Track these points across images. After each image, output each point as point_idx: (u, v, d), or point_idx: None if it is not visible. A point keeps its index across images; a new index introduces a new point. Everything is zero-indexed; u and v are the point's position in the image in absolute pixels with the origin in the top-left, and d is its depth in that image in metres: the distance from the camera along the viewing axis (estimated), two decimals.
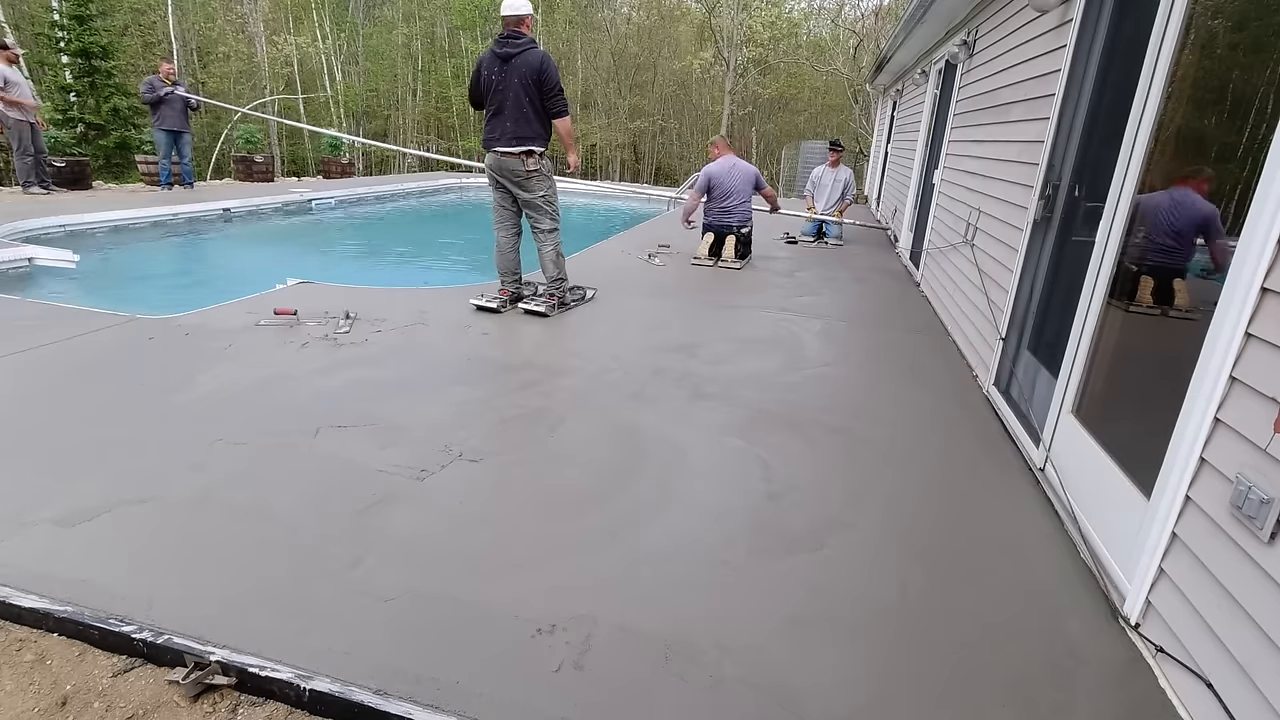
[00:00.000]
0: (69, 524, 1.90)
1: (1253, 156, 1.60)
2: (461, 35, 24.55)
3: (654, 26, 25.37)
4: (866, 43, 21.66)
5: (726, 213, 6.51)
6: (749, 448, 2.65)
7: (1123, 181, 2.19)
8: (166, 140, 9.21)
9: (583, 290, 4.78)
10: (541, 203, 4.19)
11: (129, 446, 2.37)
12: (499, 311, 4.29)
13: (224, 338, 3.53)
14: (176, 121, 9.13)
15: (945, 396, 3.38)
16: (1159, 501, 1.69)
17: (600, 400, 3.05)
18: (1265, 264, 1.42)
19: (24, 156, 8.14)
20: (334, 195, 10.40)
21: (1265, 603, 1.32)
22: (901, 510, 2.29)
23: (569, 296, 4.53)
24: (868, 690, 1.52)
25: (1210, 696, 1.43)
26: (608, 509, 2.17)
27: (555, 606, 1.70)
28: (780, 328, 4.39)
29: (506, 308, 4.36)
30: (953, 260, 4.69)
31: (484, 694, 1.43)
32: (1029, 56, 3.52)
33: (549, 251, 4.30)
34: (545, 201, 4.21)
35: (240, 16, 21.27)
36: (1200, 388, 1.58)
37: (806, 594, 1.82)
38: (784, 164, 19.65)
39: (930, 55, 7.30)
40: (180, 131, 9.26)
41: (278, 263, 6.55)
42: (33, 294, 4.59)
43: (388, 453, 2.43)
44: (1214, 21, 1.95)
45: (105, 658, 1.53)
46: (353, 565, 1.81)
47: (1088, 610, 1.83)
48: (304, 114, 21.46)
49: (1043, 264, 3.02)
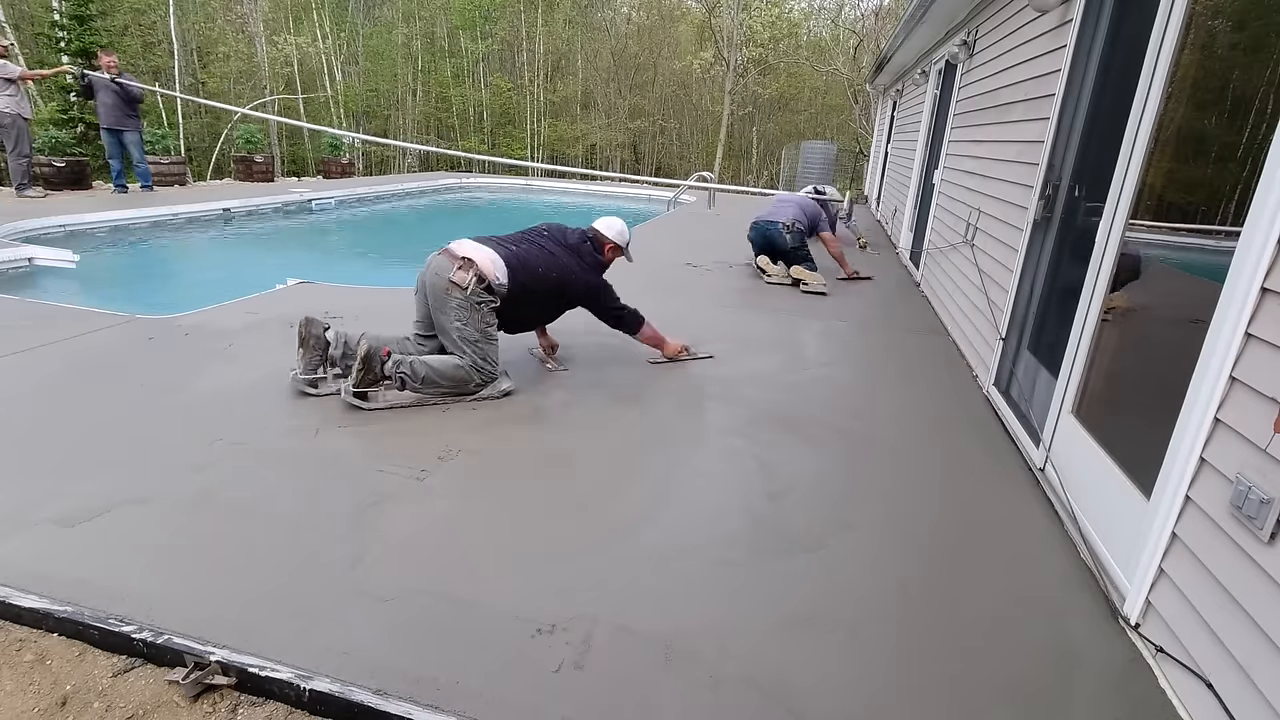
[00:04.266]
0: (69, 524, 1.90)
1: (1253, 156, 1.60)
2: (461, 35, 24.55)
3: (654, 26, 25.39)
4: (866, 43, 21.68)
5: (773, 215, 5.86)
6: (749, 447, 2.65)
7: (1123, 181, 2.18)
8: (109, 140, 8.50)
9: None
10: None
11: (129, 446, 2.37)
12: None
13: (224, 338, 3.53)
14: (111, 118, 8.31)
15: (945, 396, 3.38)
16: (1159, 501, 1.69)
17: (600, 399, 3.05)
18: (1265, 264, 1.42)
19: (19, 158, 7.96)
20: (334, 195, 10.40)
21: (1265, 603, 1.32)
22: (901, 510, 2.28)
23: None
24: (868, 690, 1.52)
25: (1210, 696, 1.42)
26: (608, 508, 2.17)
27: (555, 606, 1.70)
28: (780, 328, 4.39)
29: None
30: (953, 260, 4.69)
31: (484, 694, 1.43)
32: (1029, 56, 3.51)
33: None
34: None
35: (240, 16, 21.26)
36: (1200, 388, 1.58)
37: (807, 594, 1.82)
38: (784, 164, 19.64)
39: (930, 55, 7.30)
40: (119, 130, 8.44)
41: (277, 263, 6.56)
42: (33, 294, 4.58)
43: (388, 452, 2.43)
44: (1214, 21, 1.95)
45: (105, 658, 1.53)
46: (353, 565, 1.81)
47: (1088, 610, 1.83)
48: (304, 114, 21.46)
49: (1043, 264, 3.02)
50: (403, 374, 2.80)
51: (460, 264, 2.86)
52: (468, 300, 2.86)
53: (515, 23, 24.50)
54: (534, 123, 24.61)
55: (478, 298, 2.88)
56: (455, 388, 2.89)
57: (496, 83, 24.89)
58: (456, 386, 2.89)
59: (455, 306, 2.86)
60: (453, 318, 2.88)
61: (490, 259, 2.92)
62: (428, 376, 2.83)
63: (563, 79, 25.29)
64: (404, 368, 2.81)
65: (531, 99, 24.55)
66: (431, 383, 2.84)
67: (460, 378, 2.88)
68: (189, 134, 18.33)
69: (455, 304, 2.86)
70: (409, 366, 2.81)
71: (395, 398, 2.83)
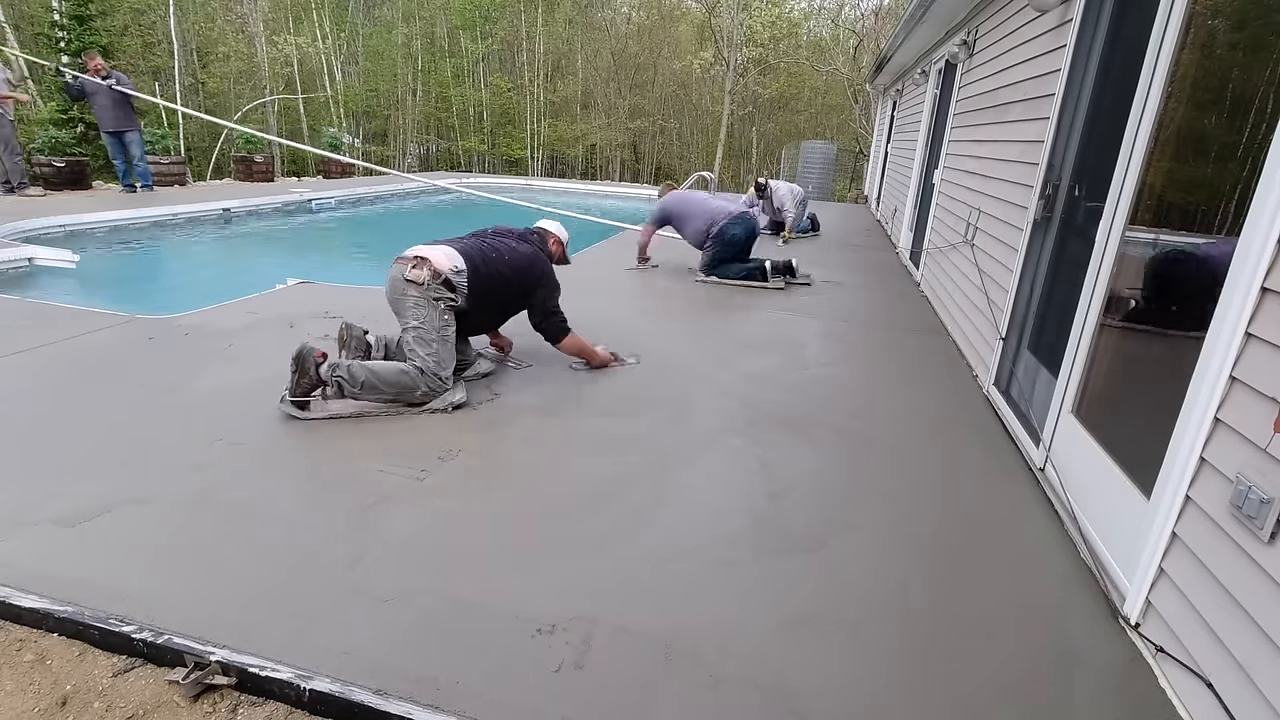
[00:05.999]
0: (69, 524, 1.90)
1: (1253, 156, 1.60)
2: (461, 35, 24.55)
3: (654, 26, 25.36)
4: (866, 43, 21.68)
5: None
6: (750, 448, 2.65)
7: (1123, 181, 2.19)
8: (111, 142, 8.66)
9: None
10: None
11: (129, 446, 2.37)
12: None
13: (224, 338, 3.53)
14: (111, 120, 8.43)
15: (945, 396, 3.38)
16: (1159, 501, 1.69)
17: (601, 399, 3.05)
18: (1265, 264, 1.42)
19: (13, 156, 7.96)
20: (334, 195, 10.40)
21: (1265, 603, 1.32)
22: (902, 510, 2.28)
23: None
24: (868, 690, 1.52)
25: (1210, 696, 1.42)
26: (608, 508, 2.17)
27: (555, 606, 1.70)
28: (780, 328, 4.39)
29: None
30: (953, 260, 4.69)
31: (484, 694, 1.43)
32: (1029, 56, 3.52)
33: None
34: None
35: (240, 16, 21.25)
36: (1200, 388, 1.58)
37: (808, 594, 1.82)
38: (784, 164, 19.64)
39: (930, 55, 7.30)
40: (119, 131, 8.52)
41: (277, 263, 6.56)
42: (33, 294, 4.58)
43: (388, 452, 2.43)
44: (1214, 21, 1.95)
45: (105, 658, 1.53)
46: (353, 565, 1.81)
47: (1088, 610, 1.83)
48: (304, 114, 21.46)
49: (1043, 264, 3.02)
50: (339, 378, 2.64)
51: (414, 263, 2.80)
52: (424, 296, 2.78)
53: (515, 23, 24.49)
54: (534, 123, 24.59)
55: (434, 293, 2.79)
56: (399, 395, 2.73)
57: (496, 83, 24.88)
58: (401, 394, 2.73)
59: (412, 305, 2.78)
60: (410, 317, 2.79)
61: (444, 253, 2.87)
62: (367, 381, 2.67)
63: (563, 79, 25.28)
64: (340, 372, 2.64)
65: (531, 99, 24.54)
66: (373, 388, 2.69)
67: (405, 384, 2.72)
68: (189, 134, 18.31)
69: (412, 302, 2.78)
70: (346, 371, 2.65)
71: (336, 407, 2.69)
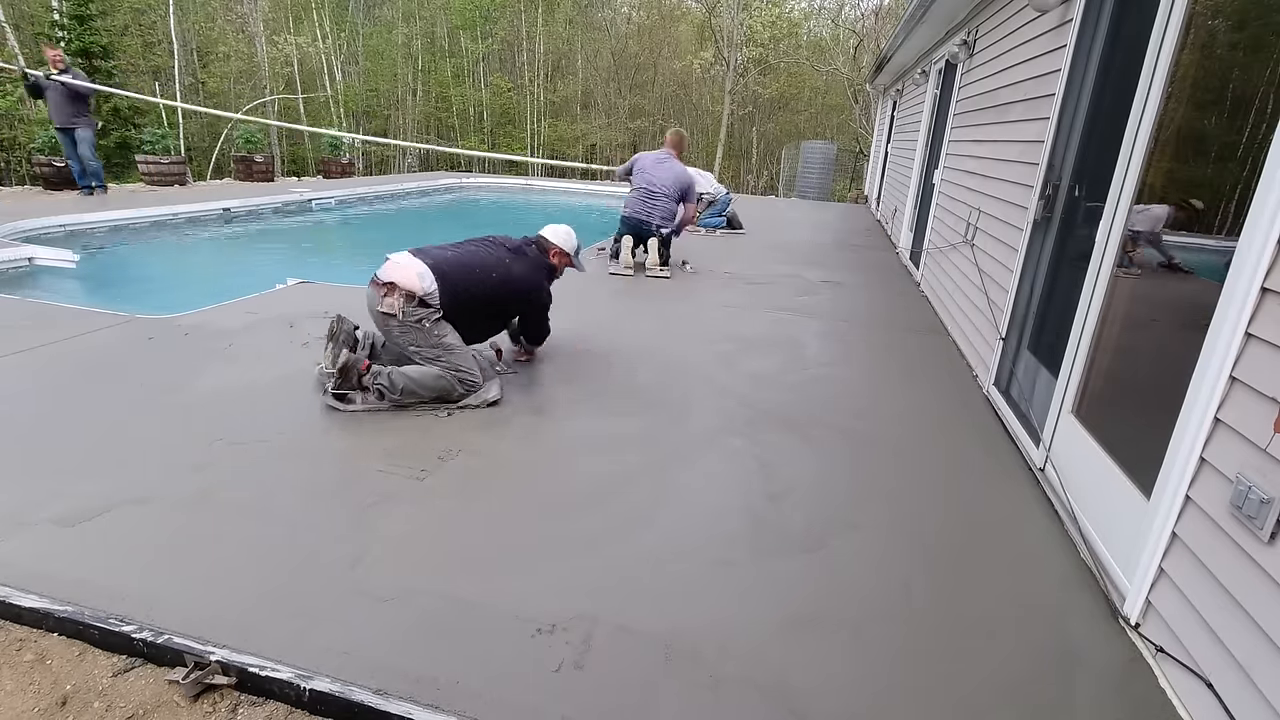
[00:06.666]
0: (69, 524, 1.90)
1: (1253, 156, 1.60)
2: (461, 35, 24.56)
3: (654, 26, 25.38)
4: (866, 43, 21.69)
5: (651, 198, 5.84)
6: (750, 448, 2.65)
7: (1123, 181, 2.19)
8: (63, 140, 8.15)
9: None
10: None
11: (129, 446, 2.37)
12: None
13: (224, 338, 3.53)
14: (60, 115, 7.91)
15: (945, 396, 3.38)
16: (1159, 501, 1.69)
17: (602, 399, 3.05)
18: (1265, 264, 1.42)
19: None
20: (334, 195, 10.40)
21: (1265, 603, 1.32)
22: (902, 510, 2.28)
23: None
24: (869, 690, 1.52)
25: (1210, 696, 1.43)
26: (608, 508, 2.17)
27: (555, 606, 1.70)
28: (780, 328, 4.39)
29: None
30: (953, 260, 4.69)
31: (484, 694, 1.43)
32: (1029, 56, 3.52)
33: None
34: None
35: (240, 16, 21.27)
36: (1200, 388, 1.58)
37: (809, 594, 1.82)
38: (784, 164, 19.64)
39: (930, 55, 7.30)
40: (69, 127, 7.97)
41: (277, 262, 6.56)
42: (33, 294, 4.58)
43: (388, 452, 2.43)
44: (1214, 21, 1.95)
45: (105, 657, 1.53)
46: (353, 565, 1.81)
47: (1088, 610, 1.83)
48: (304, 114, 21.47)
49: (1043, 264, 3.02)
50: (380, 386, 2.75)
51: (385, 290, 2.80)
52: (404, 324, 2.80)
53: (515, 22, 24.50)
54: (534, 123, 24.61)
55: (414, 316, 2.80)
56: (439, 397, 2.83)
57: (496, 83, 24.90)
58: (440, 395, 2.83)
59: (398, 333, 2.84)
60: (403, 342, 2.86)
61: (415, 273, 2.82)
62: (406, 388, 2.77)
63: (563, 79, 25.29)
64: (381, 379, 2.75)
65: (531, 99, 24.56)
66: (411, 393, 2.79)
67: (443, 387, 2.82)
68: (189, 134, 18.33)
69: (396, 331, 2.83)
70: (387, 379, 2.75)
71: (376, 404, 2.79)
